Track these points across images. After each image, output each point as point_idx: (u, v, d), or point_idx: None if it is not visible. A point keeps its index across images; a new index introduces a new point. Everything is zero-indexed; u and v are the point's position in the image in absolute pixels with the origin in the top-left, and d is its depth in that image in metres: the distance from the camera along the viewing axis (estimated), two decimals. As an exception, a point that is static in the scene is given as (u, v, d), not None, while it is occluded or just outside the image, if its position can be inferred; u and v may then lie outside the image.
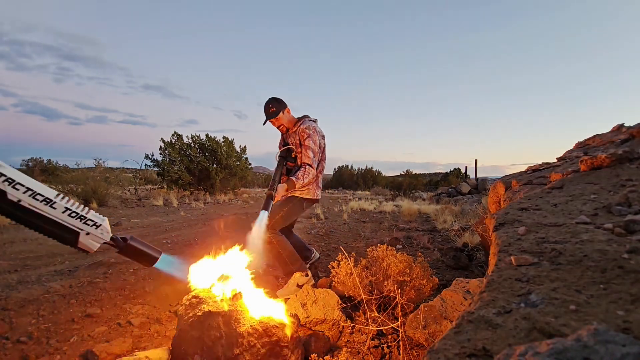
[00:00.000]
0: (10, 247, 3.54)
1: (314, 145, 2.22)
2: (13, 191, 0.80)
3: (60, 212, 0.86)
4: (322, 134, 2.37)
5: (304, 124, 2.28)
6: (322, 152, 2.38)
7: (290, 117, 2.33)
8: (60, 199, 0.86)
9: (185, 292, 1.44)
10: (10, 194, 0.80)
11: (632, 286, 0.58)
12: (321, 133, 2.37)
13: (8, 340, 1.59)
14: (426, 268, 1.87)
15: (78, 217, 0.89)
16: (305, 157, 2.21)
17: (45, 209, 0.84)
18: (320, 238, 4.62)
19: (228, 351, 1.20)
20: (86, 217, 0.91)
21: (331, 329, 1.70)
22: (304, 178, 2.15)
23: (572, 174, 1.48)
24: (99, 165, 9.74)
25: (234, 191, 13.34)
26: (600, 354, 0.36)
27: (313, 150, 2.21)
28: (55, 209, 0.86)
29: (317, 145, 2.26)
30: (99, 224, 0.94)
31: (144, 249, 1.06)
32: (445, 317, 1.46)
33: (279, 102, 2.27)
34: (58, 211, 0.86)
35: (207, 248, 1.65)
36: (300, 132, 2.25)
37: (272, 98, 2.27)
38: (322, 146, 2.38)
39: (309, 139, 2.21)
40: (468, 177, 15.76)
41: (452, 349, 0.52)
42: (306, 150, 2.21)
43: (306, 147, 2.21)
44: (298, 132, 2.26)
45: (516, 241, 0.87)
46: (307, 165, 2.18)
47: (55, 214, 0.86)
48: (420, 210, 8.15)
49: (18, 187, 0.80)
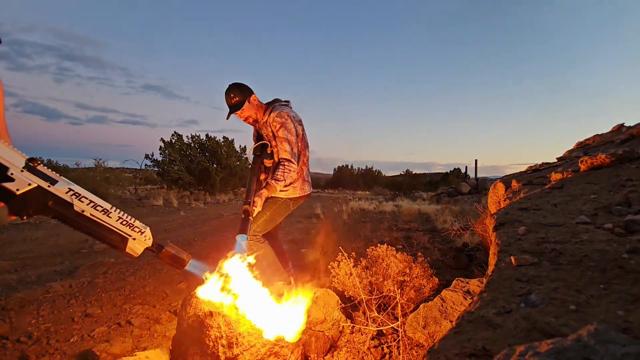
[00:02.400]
0: (10, 247, 3.54)
1: (289, 135, 1.87)
2: (79, 203, 0.95)
3: (115, 220, 1.01)
4: (297, 119, 2.02)
5: (274, 110, 1.92)
6: (301, 140, 2.01)
7: (257, 106, 1.96)
8: (114, 210, 1.02)
9: (185, 292, 1.44)
10: (76, 205, 0.95)
11: (632, 286, 0.58)
12: (297, 118, 2.01)
13: (8, 340, 1.59)
14: (426, 268, 1.87)
15: (128, 225, 1.04)
16: (282, 151, 1.86)
17: (103, 218, 1.00)
18: (320, 238, 4.62)
19: (228, 351, 1.20)
20: (134, 225, 1.06)
21: (331, 329, 1.70)
22: (284, 177, 1.81)
23: (572, 174, 1.48)
24: (99, 165, 9.73)
25: (234, 191, 13.34)
26: (600, 354, 0.36)
27: (289, 141, 1.86)
28: (111, 218, 1.01)
29: (294, 135, 1.90)
30: (143, 231, 1.08)
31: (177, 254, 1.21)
32: (445, 317, 1.46)
33: (243, 89, 1.89)
34: (113, 219, 1.01)
35: (207, 248, 1.65)
36: (271, 122, 1.90)
37: (233, 84, 1.90)
38: (300, 133, 2.01)
39: (282, 128, 1.86)
40: (468, 177, 15.76)
41: (452, 349, 0.52)
42: (281, 143, 1.86)
43: (281, 139, 1.86)
44: (269, 122, 1.92)
45: (516, 241, 0.86)
46: (285, 161, 1.84)
47: (112, 222, 1.01)
48: (420, 210, 8.15)
49: (83, 200, 0.96)
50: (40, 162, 0.90)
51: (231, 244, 1.58)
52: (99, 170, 9.39)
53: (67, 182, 0.95)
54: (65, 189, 0.93)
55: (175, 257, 1.20)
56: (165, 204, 8.97)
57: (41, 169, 0.90)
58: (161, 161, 11.91)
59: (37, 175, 0.88)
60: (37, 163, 0.89)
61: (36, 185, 0.88)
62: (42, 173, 0.90)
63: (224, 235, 4.70)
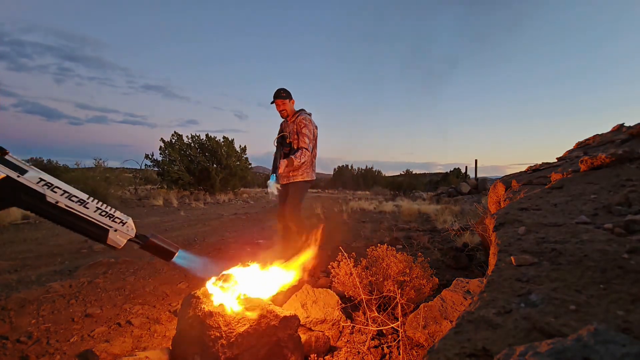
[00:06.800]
0: (10, 247, 3.54)
1: (309, 133, 2.74)
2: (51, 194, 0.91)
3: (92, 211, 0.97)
4: (315, 125, 2.88)
5: (302, 114, 2.82)
6: (315, 139, 2.86)
7: (292, 108, 2.85)
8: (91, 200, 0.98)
9: (185, 292, 1.44)
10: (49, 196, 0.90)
11: (632, 286, 0.58)
12: (315, 124, 2.88)
13: (8, 340, 1.59)
14: (426, 268, 1.87)
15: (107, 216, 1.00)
16: (302, 142, 2.71)
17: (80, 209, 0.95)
18: (320, 238, 4.61)
19: (228, 351, 1.20)
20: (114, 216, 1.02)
21: (331, 329, 1.70)
22: (300, 158, 2.63)
23: (572, 174, 1.48)
24: (99, 165, 9.73)
25: (234, 191, 13.33)
26: (600, 354, 0.36)
27: (309, 137, 2.73)
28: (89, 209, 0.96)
29: (312, 134, 2.77)
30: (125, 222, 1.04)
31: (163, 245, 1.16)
32: (445, 317, 1.46)
33: (289, 92, 2.82)
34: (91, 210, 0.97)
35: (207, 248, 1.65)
36: (298, 122, 2.76)
37: (284, 88, 2.80)
38: (316, 135, 2.87)
39: (305, 128, 2.72)
40: (468, 177, 15.76)
41: (452, 349, 0.52)
42: (303, 137, 2.71)
43: (303, 134, 2.71)
44: (296, 121, 2.77)
45: (516, 241, 0.86)
46: (303, 148, 2.67)
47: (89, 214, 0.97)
48: (420, 210, 8.15)
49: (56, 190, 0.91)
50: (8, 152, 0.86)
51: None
52: (99, 170, 9.39)
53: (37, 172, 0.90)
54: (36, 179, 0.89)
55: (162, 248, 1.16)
56: (165, 204, 8.97)
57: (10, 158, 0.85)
58: (161, 161, 11.91)
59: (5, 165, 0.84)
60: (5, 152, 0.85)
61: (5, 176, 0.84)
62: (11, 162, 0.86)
63: (224, 235, 4.70)
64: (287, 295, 1.87)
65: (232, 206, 9.45)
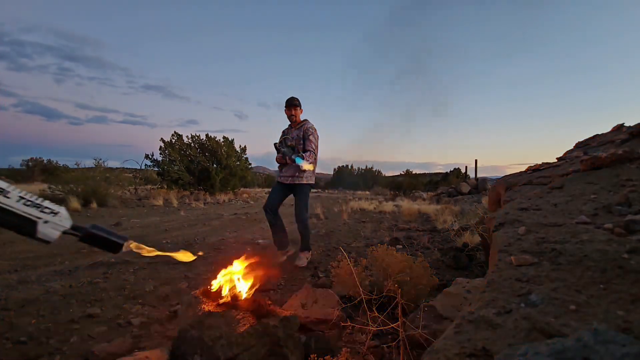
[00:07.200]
0: (10, 247, 3.54)
1: (315, 140, 3.11)
2: None
3: (15, 201, 0.85)
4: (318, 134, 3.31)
5: (308, 123, 3.17)
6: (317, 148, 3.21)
7: (301, 115, 3.21)
8: (12, 189, 0.85)
9: (185, 292, 1.44)
10: None
11: (632, 286, 0.58)
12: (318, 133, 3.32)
13: (8, 340, 1.59)
14: (426, 268, 1.87)
15: (34, 206, 0.88)
16: (310, 145, 3.05)
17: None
18: (320, 238, 4.62)
19: (228, 351, 1.20)
20: (43, 205, 0.89)
21: (331, 329, 1.70)
22: (308, 158, 2.95)
23: (572, 174, 1.48)
24: (99, 165, 9.72)
25: (234, 191, 13.33)
26: (600, 354, 0.36)
27: (315, 143, 3.10)
28: (10, 198, 0.84)
29: (317, 140, 3.15)
30: (56, 211, 0.91)
31: (106, 236, 1.02)
32: (445, 317, 1.46)
33: (300, 102, 3.18)
34: (12, 200, 0.84)
35: (207, 248, 1.64)
36: (305, 129, 3.10)
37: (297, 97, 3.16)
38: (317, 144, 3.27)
39: (312, 135, 3.09)
40: (468, 177, 15.75)
41: (452, 349, 0.52)
42: (310, 142, 3.06)
43: (310, 140, 3.06)
44: (303, 128, 3.11)
45: (516, 241, 0.86)
46: (311, 151, 3.02)
47: (11, 203, 0.84)
48: (420, 210, 8.15)
49: None
50: None
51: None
52: (99, 170, 9.37)
53: None
54: None
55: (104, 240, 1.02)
56: (165, 204, 8.97)
57: None
58: (161, 161, 11.91)
59: None
60: None
61: None
62: None
63: (224, 235, 4.70)
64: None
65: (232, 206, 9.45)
